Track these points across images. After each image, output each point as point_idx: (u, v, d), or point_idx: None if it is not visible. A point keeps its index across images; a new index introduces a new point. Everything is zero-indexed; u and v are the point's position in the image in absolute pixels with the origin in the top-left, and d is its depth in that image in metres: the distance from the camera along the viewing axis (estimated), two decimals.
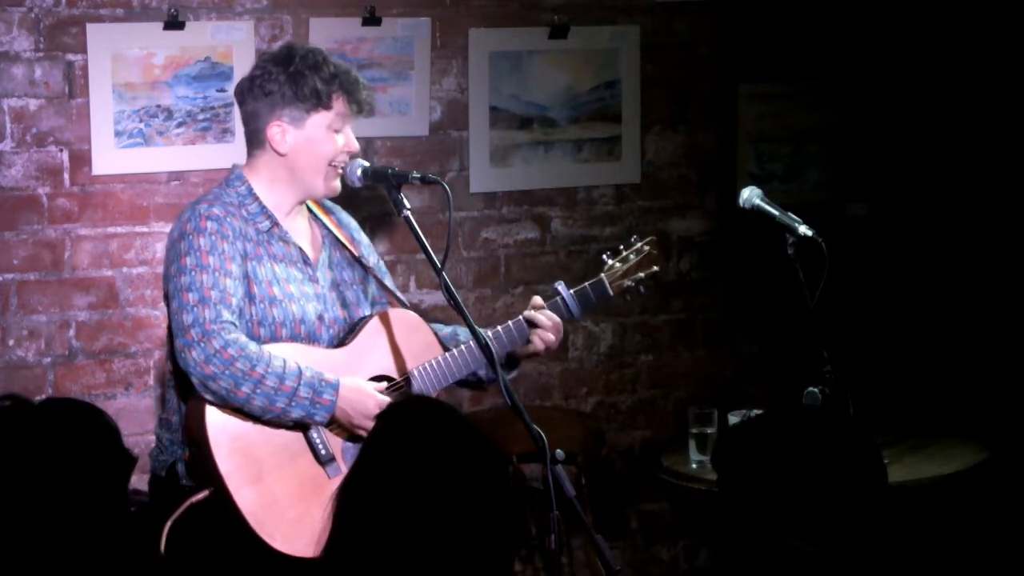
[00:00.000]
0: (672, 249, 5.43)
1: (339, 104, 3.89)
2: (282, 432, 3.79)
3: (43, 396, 4.58)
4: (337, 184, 3.94)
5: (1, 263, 4.63)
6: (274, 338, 3.83)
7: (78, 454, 2.45)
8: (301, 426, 3.80)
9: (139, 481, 4.68)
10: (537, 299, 4.05)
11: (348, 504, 2.52)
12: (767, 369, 5.47)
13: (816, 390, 4.12)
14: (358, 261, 4.05)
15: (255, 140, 3.93)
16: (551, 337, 4.01)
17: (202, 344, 3.69)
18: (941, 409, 5.42)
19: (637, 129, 5.34)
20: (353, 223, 4.15)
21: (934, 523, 4.92)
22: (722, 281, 5.50)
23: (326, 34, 4.85)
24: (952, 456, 4.80)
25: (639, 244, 4.13)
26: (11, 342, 4.65)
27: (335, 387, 3.76)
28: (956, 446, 4.90)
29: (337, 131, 3.90)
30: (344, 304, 3.98)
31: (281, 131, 3.88)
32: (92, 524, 2.44)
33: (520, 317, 4.02)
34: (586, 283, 4.08)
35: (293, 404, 3.72)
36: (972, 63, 5.59)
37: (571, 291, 4.05)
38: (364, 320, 3.95)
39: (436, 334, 4.04)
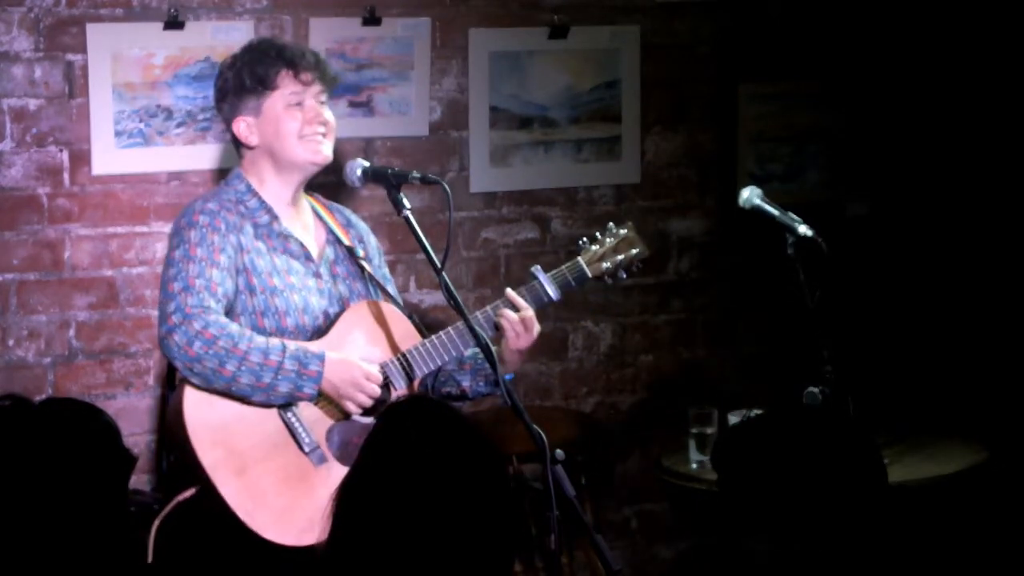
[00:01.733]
0: (672, 249, 5.43)
1: (286, 81, 3.93)
2: (264, 424, 3.79)
3: (43, 396, 4.58)
4: (324, 151, 3.95)
5: (1, 263, 4.63)
6: (279, 328, 3.84)
7: (78, 454, 2.45)
8: (282, 417, 3.80)
9: (139, 481, 4.70)
10: (510, 292, 4.02)
11: (348, 504, 2.52)
12: (767, 369, 5.47)
13: (816, 390, 4.11)
14: (359, 263, 4.05)
15: (235, 142, 4.01)
16: (518, 343, 3.98)
17: (183, 327, 3.72)
18: (941, 409, 5.42)
19: (637, 129, 5.34)
20: (362, 225, 4.17)
21: (934, 523, 4.92)
22: (722, 281, 5.50)
23: (326, 34, 4.85)
24: (952, 456, 4.81)
25: (615, 229, 4.13)
26: (11, 342, 4.65)
27: (320, 358, 3.78)
28: (956, 446, 4.90)
29: (296, 106, 3.92)
30: (351, 298, 3.99)
31: (246, 125, 3.95)
32: (92, 524, 2.44)
33: (488, 310, 4.00)
34: (563, 267, 4.08)
35: (280, 378, 3.74)
36: (972, 63, 5.59)
37: (548, 275, 4.05)
38: (340, 312, 3.95)
39: (421, 329, 4.04)
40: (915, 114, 5.62)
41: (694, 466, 4.80)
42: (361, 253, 4.07)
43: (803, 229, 4.16)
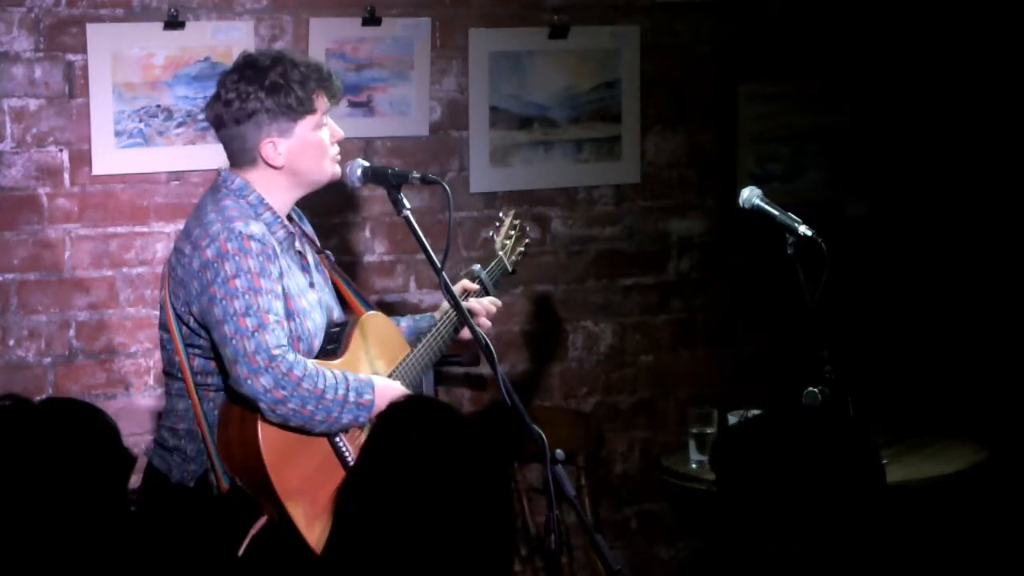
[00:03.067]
0: (672, 249, 5.43)
1: (320, 102, 3.87)
2: (319, 448, 3.76)
3: (43, 396, 4.58)
4: (338, 169, 3.94)
5: (1, 263, 4.63)
6: (310, 350, 3.81)
7: (78, 454, 2.45)
8: (330, 440, 3.79)
9: (139, 481, 4.69)
10: (467, 283, 4.15)
11: (349, 503, 2.52)
12: (767, 369, 5.47)
13: (816, 390, 4.11)
14: (331, 264, 4.05)
15: (244, 159, 3.86)
16: (487, 324, 4.11)
17: (270, 370, 3.64)
18: (941, 409, 5.42)
19: (637, 129, 5.34)
20: (304, 217, 4.13)
21: (934, 523, 4.92)
22: (722, 281, 5.50)
23: (326, 34, 4.85)
24: (952, 456, 4.80)
25: (510, 219, 4.32)
26: (11, 342, 4.65)
27: (371, 385, 3.77)
28: (956, 446, 4.90)
29: (322, 126, 3.89)
30: (332, 307, 3.98)
31: (273, 146, 3.82)
32: (92, 524, 2.44)
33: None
34: (492, 263, 4.24)
35: (345, 411, 3.72)
36: (971, 63, 5.59)
37: (486, 271, 4.20)
38: (345, 328, 3.92)
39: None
40: (915, 114, 5.62)
41: (694, 466, 4.80)
42: (332, 257, 4.06)
43: (803, 229, 4.15)
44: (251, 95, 3.82)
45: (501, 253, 4.26)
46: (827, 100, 5.55)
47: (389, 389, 3.80)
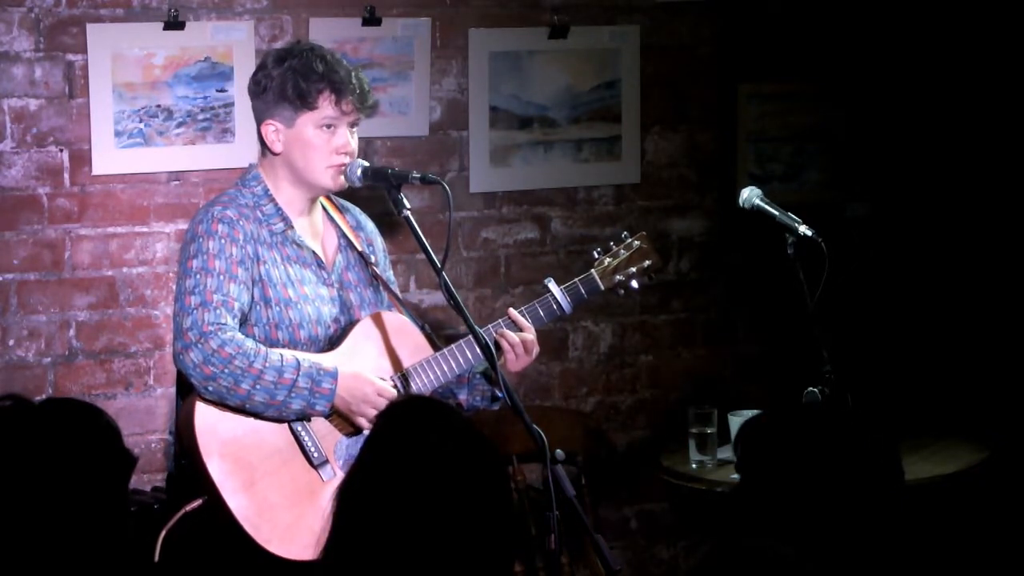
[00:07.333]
0: (672, 249, 5.43)
1: (325, 105, 3.87)
2: (273, 437, 3.78)
3: (43, 396, 4.58)
4: (342, 180, 3.93)
5: (1, 263, 4.63)
6: (292, 340, 3.83)
7: (78, 454, 2.45)
8: (292, 430, 3.79)
9: (139, 481, 4.70)
10: (512, 312, 4.01)
11: (347, 504, 2.52)
12: (767, 369, 5.47)
13: (816, 390, 4.11)
14: (368, 265, 4.04)
15: (260, 138, 3.96)
16: (516, 362, 3.97)
17: (199, 345, 3.70)
18: (941, 409, 5.42)
19: (637, 129, 5.34)
20: (370, 224, 4.14)
21: (934, 523, 4.92)
22: (722, 281, 5.50)
23: (326, 34, 4.84)
24: (952, 456, 4.80)
25: (629, 239, 4.14)
26: (11, 342, 4.65)
27: (333, 375, 3.77)
28: (956, 446, 4.90)
29: (328, 129, 3.89)
30: (361, 306, 3.98)
31: (275, 130, 3.90)
32: (92, 524, 2.44)
33: (490, 328, 3.98)
34: (576, 279, 4.08)
35: (293, 395, 3.73)
36: (972, 63, 5.59)
37: (561, 288, 4.05)
38: (353, 323, 3.94)
39: (432, 339, 4.04)
40: (915, 114, 5.62)
41: (694, 466, 4.79)
42: (373, 259, 4.06)
43: (803, 229, 4.16)
44: (268, 73, 3.90)
45: (593, 270, 4.09)
46: (827, 100, 5.55)
47: (359, 381, 3.80)
